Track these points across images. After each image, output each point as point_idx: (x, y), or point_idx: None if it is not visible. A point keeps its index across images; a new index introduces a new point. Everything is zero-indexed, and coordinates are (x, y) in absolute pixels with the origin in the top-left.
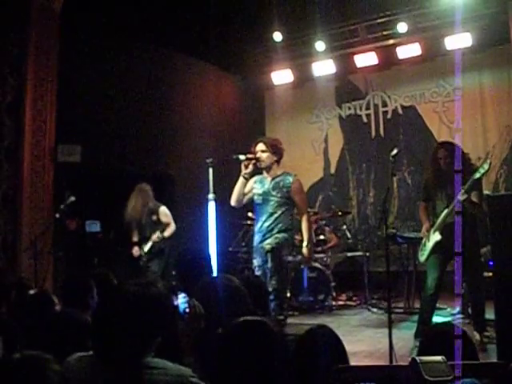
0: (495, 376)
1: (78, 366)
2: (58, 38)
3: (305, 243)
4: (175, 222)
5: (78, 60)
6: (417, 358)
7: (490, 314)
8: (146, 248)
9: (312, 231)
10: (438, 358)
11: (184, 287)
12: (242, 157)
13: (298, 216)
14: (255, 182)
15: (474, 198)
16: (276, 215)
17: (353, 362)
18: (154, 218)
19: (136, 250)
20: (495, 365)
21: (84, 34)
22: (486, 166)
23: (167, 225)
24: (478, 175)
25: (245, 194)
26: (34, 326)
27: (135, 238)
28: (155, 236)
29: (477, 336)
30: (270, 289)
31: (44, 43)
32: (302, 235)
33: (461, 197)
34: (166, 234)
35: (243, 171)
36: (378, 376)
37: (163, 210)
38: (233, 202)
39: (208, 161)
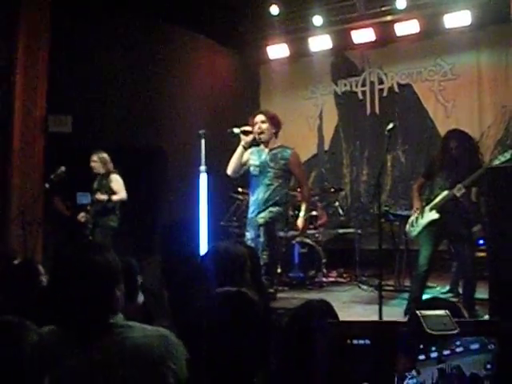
0: (501, 335)
1: (49, 339)
2: (49, 7)
3: (302, 213)
4: (167, 195)
5: (70, 29)
6: (418, 312)
7: (480, 293)
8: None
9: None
10: (442, 311)
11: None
12: (236, 130)
13: (299, 188)
14: (251, 154)
15: (473, 196)
16: (273, 187)
17: None
18: (104, 182)
19: (81, 216)
20: (501, 324)
21: (77, 3)
22: (507, 155)
23: (117, 192)
24: (497, 162)
25: (242, 165)
26: (18, 296)
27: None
28: (100, 195)
29: (465, 314)
30: (261, 263)
31: (36, 11)
32: (297, 208)
33: (457, 192)
34: (114, 197)
35: (243, 140)
36: (372, 332)
37: (115, 176)
38: (229, 172)
39: (200, 132)
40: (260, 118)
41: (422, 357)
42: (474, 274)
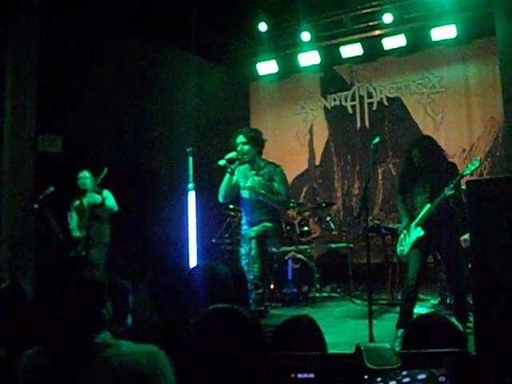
0: (452, 366)
1: (32, 361)
2: (38, 27)
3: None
4: (157, 214)
5: (60, 49)
6: (361, 345)
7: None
8: None
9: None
10: (386, 344)
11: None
12: (221, 162)
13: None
14: (238, 176)
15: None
16: (264, 209)
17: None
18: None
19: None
20: (452, 354)
21: (66, 23)
22: (476, 163)
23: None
24: (467, 171)
25: (232, 189)
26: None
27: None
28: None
29: (459, 327)
30: (251, 276)
31: (24, 32)
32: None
33: (448, 191)
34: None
35: (229, 167)
36: (317, 365)
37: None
38: (221, 199)
39: (188, 150)
40: (241, 139)
41: None
42: (464, 284)
